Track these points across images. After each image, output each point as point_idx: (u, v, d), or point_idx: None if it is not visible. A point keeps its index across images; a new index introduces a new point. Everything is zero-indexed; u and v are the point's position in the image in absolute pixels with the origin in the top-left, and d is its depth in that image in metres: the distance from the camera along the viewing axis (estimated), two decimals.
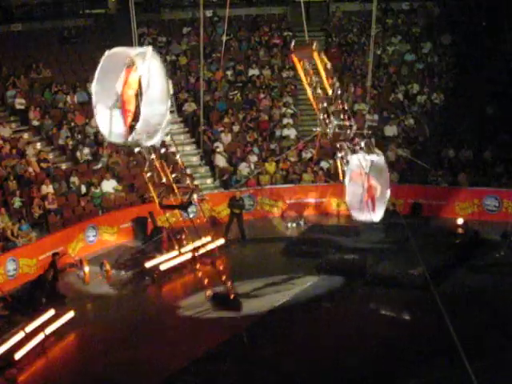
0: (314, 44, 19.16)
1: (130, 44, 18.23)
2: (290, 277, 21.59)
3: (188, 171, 28.69)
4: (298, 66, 20.01)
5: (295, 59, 20.04)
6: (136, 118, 14.17)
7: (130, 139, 13.83)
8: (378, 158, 20.00)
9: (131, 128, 14.13)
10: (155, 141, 14.66)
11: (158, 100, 14.40)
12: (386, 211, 25.37)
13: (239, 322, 18.51)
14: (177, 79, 32.48)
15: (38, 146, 27.64)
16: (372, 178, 19.70)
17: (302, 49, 20.51)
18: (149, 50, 14.37)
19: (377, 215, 20.32)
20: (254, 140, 29.79)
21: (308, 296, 20.44)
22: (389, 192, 20.36)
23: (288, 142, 29.80)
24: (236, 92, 32.22)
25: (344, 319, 18.87)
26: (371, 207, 19.90)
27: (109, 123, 13.91)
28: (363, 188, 19.51)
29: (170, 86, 14.53)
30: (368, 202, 19.71)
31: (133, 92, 14.12)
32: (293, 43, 21.11)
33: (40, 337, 17.76)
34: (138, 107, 14.09)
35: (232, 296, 19.05)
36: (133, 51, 14.35)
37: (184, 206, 17.38)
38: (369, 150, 20.09)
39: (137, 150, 15.04)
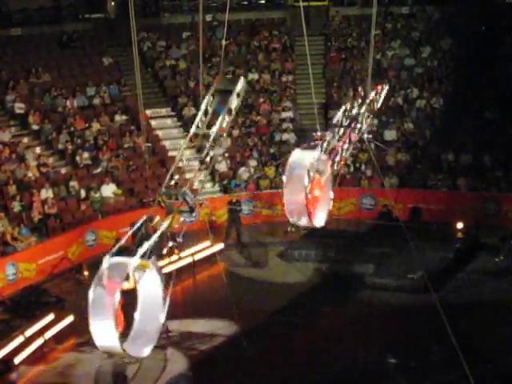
0: None
1: (129, 49, 18.18)
2: (289, 281, 21.60)
3: (187, 176, 28.73)
4: None
5: None
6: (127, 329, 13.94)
7: (122, 348, 13.54)
8: (319, 154, 18.29)
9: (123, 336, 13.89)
10: (147, 352, 14.37)
11: (153, 315, 14.14)
12: (384, 214, 25.51)
13: (237, 326, 18.51)
14: (176, 83, 32.54)
15: (38, 150, 27.62)
16: (313, 180, 18.32)
17: None
18: (150, 264, 14.07)
19: (318, 220, 18.89)
20: (254, 144, 29.80)
21: (307, 300, 20.46)
22: (332, 194, 18.89)
23: (287, 146, 29.80)
24: None
25: (343, 323, 18.89)
26: (312, 211, 18.41)
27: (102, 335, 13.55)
28: (302, 191, 17.79)
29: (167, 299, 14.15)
30: (308, 205, 18.27)
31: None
32: None
33: (39, 341, 17.76)
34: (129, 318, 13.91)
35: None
36: (132, 263, 13.92)
37: (190, 210, 17.29)
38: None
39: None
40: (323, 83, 33.63)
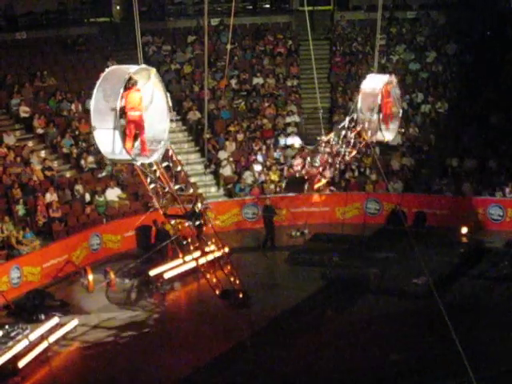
0: None
1: (134, 53, 18.27)
2: (294, 285, 21.59)
3: (192, 180, 28.76)
4: None
5: None
6: (136, 136, 14.23)
7: (131, 157, 13.78)
8: (390, 76, 20.41)
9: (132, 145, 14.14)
10: (156, 157, 14.63)
11: (159, 118, 14.49)
12: (391, 217, 25.50)
13: (243, 330, 18.49)
14: (181, 88, 32.56)
15: (43, 154, 27.67)
16: (386, 95, 19.78)
17: None
18: (152, 70, 14.54)
19: (390, 134, 20.49)
20: (259, 149, 29.80)
21: (311, 304, 20.45)
22: (401, 110, 20.88)
23: (292, 150, 29.81)
24: (240, 101, 32.27)
25: (347, 328, 18.88)
26: (385, 125, 20.02)
27: (110, 142, 13.77)
28: (376, 107, 19.48)
29: (169, 101, 14.58)
30: (382, 120, 19.70)
31: (135, 113, 14.11)
32: None
33: (44, 345, 17.77)
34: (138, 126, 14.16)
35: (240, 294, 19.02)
36: (132, 69, 14.36)
37: (188, 215, 17.32)
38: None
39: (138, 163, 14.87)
40: (328, 88, 33.65)
